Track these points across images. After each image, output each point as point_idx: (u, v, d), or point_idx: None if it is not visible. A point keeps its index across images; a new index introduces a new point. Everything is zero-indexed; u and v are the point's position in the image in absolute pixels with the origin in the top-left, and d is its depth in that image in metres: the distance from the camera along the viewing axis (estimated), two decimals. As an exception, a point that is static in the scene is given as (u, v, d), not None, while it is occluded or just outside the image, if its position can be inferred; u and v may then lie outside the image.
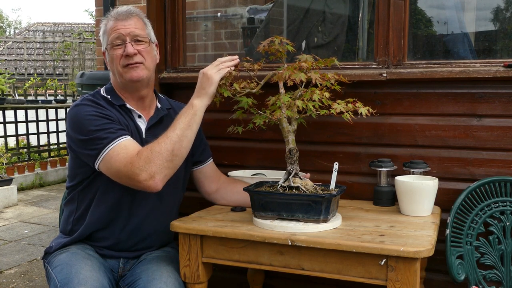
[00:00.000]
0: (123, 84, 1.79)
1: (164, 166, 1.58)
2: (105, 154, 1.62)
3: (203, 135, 2.00)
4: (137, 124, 1.79)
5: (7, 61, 12.66)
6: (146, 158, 1.57)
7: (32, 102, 7.27)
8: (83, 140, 1.65)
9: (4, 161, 6.06)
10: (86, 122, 1.66)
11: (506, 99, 1.86)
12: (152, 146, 1.60)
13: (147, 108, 1.85)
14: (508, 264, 1.82)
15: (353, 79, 1.91)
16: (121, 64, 1.75)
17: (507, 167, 1.87)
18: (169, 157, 1.59)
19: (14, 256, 3.79)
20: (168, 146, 1.59)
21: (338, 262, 1.46)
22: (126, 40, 1.74)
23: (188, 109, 1.67)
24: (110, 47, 1.75)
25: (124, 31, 1.75)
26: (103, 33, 1.80)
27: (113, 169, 1.62)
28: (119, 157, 1.60)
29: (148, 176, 1.57)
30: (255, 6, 3.98)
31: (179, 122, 1.64)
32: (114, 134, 1.64)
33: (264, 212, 1.60)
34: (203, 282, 1.67)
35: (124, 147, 1.62)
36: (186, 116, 1.65)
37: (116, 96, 1.79)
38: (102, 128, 1.64)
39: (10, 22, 28.90)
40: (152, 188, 1.59)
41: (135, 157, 1.58)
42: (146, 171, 1.56)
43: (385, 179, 1.90)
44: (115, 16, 1.77)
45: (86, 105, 1.71)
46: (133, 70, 1.75)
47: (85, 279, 1.56)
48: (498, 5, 2.93)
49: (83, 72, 4.09)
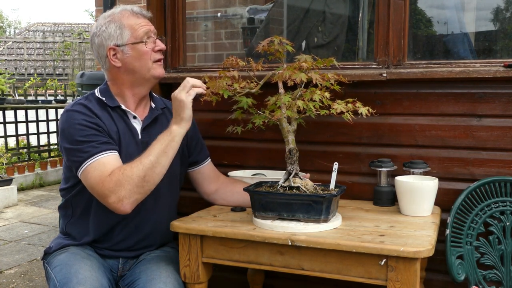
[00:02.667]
0: (141, 81, 1.76)
1: (134, 191, 1.58)
2: (83, 169, 1.62)
3: (199, 136, 1.99)
4: (131, 125, 1.78)
5: (7, 61, 12.66)
6: (116, 181, 1.56)
7: (32, 102, 7.27)
8: (69, 149, 1.66)
9: (4, 161, 6.06)
10: (73, 131, 1.65)
11: (506, 99, 1.86)
12: (125, 169, 1.58)
13: (143, 108, 1.84)
14: (508, 264, 1.82)
15: (353, 79, 1.91)
16: (152, 58, 1.74)
17: (507, 167, 1.87)
18: (139, 183, 1.58)
19: (14, 256, 3.79)
20: (140, 172, 1.58)
21: (338, 262, 1.46)
22: (154, 36, 1.75)
23: (165, 135, 1.64)
24: (137, 42, 1.72)
25: (151, 28, 1.76)
26: (119, 28, 1.73)
27: (87, 184, 1.63)
28: (94, 174, 1.60)
29: (117, 199, 1.57)
30: (255, 6, 3.98)
31: (154, 148, 1.62)
32: (96, 148, 1.62)
33: (264, 212, 1.60)
34: (203, 282, 1.67)
35: (102, 164, 1.61)
36: (163, 142, 1.62)
37: (111, 98, 1.77)
38: (86, 140, 1.63)
39: (10, 22, 28.93)
40: (121, 211, 1.60)
41: (107, 178, 1.58)
42: (115, 194, 1.57)
43: (385, 179, 1.90)
44: (136, 12, 1.76)
45: (76, 112, 1.69)
46: (160, 68, 1.78)
47: (84, 279, 1.56)
48: (498, 5, 2.93)
49: (83, 72, 4.09)
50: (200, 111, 2.08)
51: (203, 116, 2.19)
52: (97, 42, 1.76)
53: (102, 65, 1.80)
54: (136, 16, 1.76)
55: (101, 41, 1.74)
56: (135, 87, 1.78)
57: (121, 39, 1.73)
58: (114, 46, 1.73)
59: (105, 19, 1.76)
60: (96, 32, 1.76)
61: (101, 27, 1.75)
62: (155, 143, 1.63)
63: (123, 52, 1.73)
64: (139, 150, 1.72)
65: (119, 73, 1.76)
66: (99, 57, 1.79)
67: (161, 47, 1.77)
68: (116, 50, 1.73)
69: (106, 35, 1.73)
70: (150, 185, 1.61)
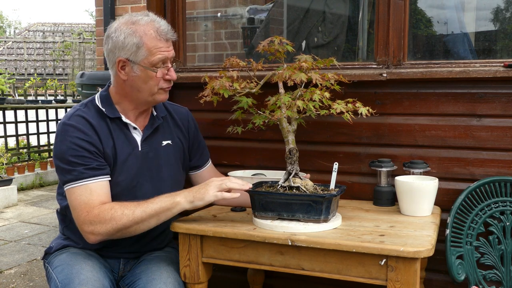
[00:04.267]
0: (142, 101, 1.71)
1: (111, 234, 1.58)
2: (68, 188, 1.62)
3: (200, 139, 1.97)
4: (131, 137, 1.74)
5: (7, 61, 12.67)
6: (102, 218, 1.56)
7: (32, 102, 7.27)
8: (57, 165, 1.65)
9: (4, 161, 6.06)
10: (65, 148, 1.62)
11: (506, 99, 1.86)
12: (115, 211, 1.56)
13: (143, 118, 1.79)
14: (508, 264, 1.82)
15: (353, 79, 1.91)
16: (159, 85, 1.68)
17: (507, 167, 1.87)
18: (121, 230, 1.57)
19: (14, 256, 3.79)
20: (127, 222, 1.56)
21: (338, 262, 1.46)
22: (169, 64, 1.69)
23: (168, 200, 1.57)
24: (149, 65, 1.64)
25: (169, 55, 1.67)
26: (137, 46, 1.62)
27: (71, 204, 1.63)
28: (79, 199, 1.59)
29: (92, 231, 1.58)
30: (255, 6, 3.98)
31: (151, 206, 1.57)
32: (83, 174, 1.60)
33: (264, 212, 1.60)
34: (203, 282, 1.67)
35: (88, 190, 1.60)
36: (161, 205, 1.57)
37: (111, 107, 1.72)
38: (77, 161, 1.61)
39: (10, 22, 28.94)
40: (89, 240, 1.61)
41: (93, 209, 1.57)
42: (94, 227, 1.57)
43: (385, 179, 1.90)
44: (161, 35, 1.65)
45: (72, 127, 1.64)
46: (165, 94, 1.72)
47: (86, 280, 1.55)
48: (498, 5, 2.94)
49: (83, 72, 4.09)
50: (201, 111, 2.08)
51: (203, 116, 2.19)
52: (110, 45, 1.67)
53: (109, 66, 1.73)
54: (159, 40, 1.64)
55: (114, 48, 1.66)
56: (135, 103, 1.73)
57: (135, 56, 1.64)
58: (125, 59, 1.65)
59: (128, 27, 1.64)
60: (113, 36, 1.66)
61: (120, 35, 1.64)
62: (156, 201, 1.58)
63: (132, 70, 1.65)
64: (139, 162, 1.72)
65: (123, 85, 1.71)
66: (108, 59, 1.71)
67: (171, 77, 1.70)
68: (126, 63, 1.65)
69: (121, 45, 1.64)
70: (128, 235, 1.61)
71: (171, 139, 1.84)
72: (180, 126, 1.89)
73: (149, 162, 1.76)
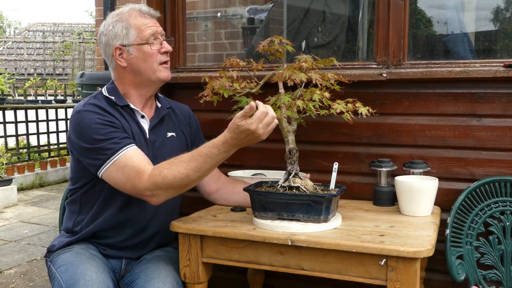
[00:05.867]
0: (147, 82, 1.76)
1: (170, 193, 1.60)
2: (109, 165, 1.61)
3: (201, 135, 2.00)
4: (140, 124, 1.78)
5: (7, 61, 12.67)
6: (154, 183, 1.56)
7: (32, 102, 7.28)
8: (87, 149, 1.64)
9: (4, 161, 6.06)
10: (90, 130, 1.63)
11: (506, 99, 1.86)
12: (166, 175, 1.54)
13: (149, 108, 1.84)
14: (508, 264, 1.82)
15: (353, 79, 1.91)
16: (158, 60, 1.74)
17: (507, 167, 1.87)
18: (178, 188, 1.59)
19: (14, 256, 3.79)
20: (180, 181, 1.55)
21: (338, 262, 1.46)
22: (160, 38, 1.75)
23: (221, 146, 1.54)
24: (142, 43, 1.71)
25: (157, 29, 1.75)
26: (126, 28, 1.72)
27: (117, 179, 1.62)
28: (125, 169, 1.59)
29: (152, 194, 1.59)
30: (255, 6, 3.98)
31: (205, 152, 1.54)
32: (118, 144, 1.62)
33: (264, 212, 1.60)
34: (203, 282, 1.67)
35: (129, 158, 1.60)
36: (214, 149, 1.54)
37: (120, 97, 1.77)
38: (107, 137, 1.62)
39: (10, 22, 28.95)
40: (152, 203, 1.62)
41: (144, 176, 1.57)
42: (151, 191, 1.58)
43: (385, 179, 1.90)
44: (144, 13, 1.75)
45: (89, 112, 1.67)
46: (167, 70, 1.77)
47: (91, 281, 1.55)
48: (498, 5, 2.94)
49: (83, 72, 4.09)
50: (201, 111, 2.08)
51: (203, 116, 2.19)
52: (104, 41, 1.76)
53: (109, 64, 1.80)
54: (144, 16, 1.75)
55: (108, 40, 1.74)
56: (140, 88, 1.78)
57: (127, 39, 1.72)
58: (120, 46, 1.72)
59: (113, 18, 1.75)
60: (104, 31, 1.76)
61: (108, 26, 1.75)
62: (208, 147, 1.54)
63: (129, 53, 1.73)
64: (148, 150, 1.74)
65: (125, 73, 1.76)
66: (106, 56, 1.79)
67: (167, 49, 1.76)
68: (122, 50, 1.73)
69: (113, 35, 1.73)
70: (187, 188, 1.62)
71: (175, 131, 1.88)
72: (182, 121, 1.93)
73: (156, 150, 1.78)
